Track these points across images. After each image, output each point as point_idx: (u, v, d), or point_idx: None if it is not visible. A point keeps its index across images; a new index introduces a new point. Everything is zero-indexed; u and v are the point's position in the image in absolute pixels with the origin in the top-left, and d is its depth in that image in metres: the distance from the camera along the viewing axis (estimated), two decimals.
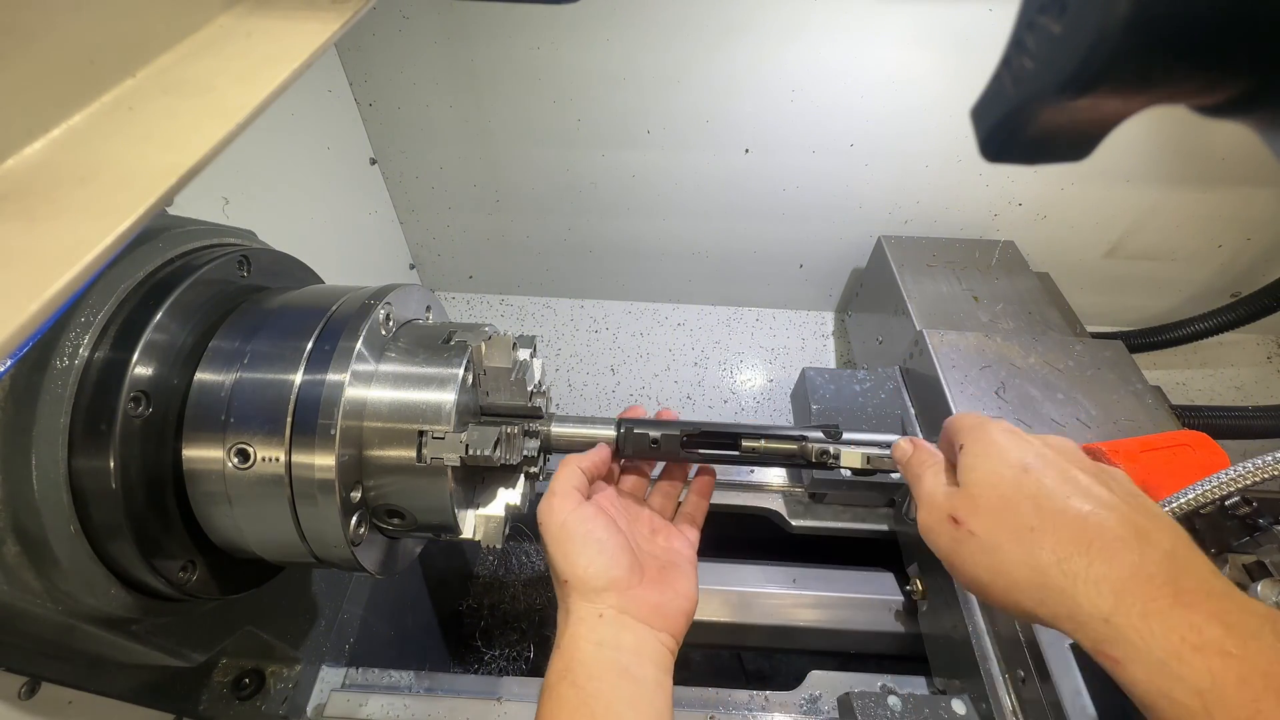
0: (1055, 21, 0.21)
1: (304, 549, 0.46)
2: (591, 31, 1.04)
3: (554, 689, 0.40)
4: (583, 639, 0.42)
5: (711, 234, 1.35)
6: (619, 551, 0.45)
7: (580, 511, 0.45)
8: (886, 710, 0.71)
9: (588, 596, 0.43)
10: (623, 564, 0.44)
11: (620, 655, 0.41)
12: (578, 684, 0.40)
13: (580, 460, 0.49)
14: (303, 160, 1.02)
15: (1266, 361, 1.42)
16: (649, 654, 0.42)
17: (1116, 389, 0.91)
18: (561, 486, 0.47)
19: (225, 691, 0.70)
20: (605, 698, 0.39)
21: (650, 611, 0.44)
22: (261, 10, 0.47)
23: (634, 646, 0.42)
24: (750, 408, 1.35)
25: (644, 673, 0.41)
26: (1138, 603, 0.28)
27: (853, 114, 1.11)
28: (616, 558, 0.44)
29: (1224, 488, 0.57)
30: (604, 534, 0.45)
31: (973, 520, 0.36)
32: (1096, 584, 0.30)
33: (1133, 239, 1.29)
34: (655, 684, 0.41)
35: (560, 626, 0.44)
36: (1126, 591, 0.29)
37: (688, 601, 0.47)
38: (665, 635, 0.44)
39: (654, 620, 0.44)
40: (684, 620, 0.46)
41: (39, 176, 0.34)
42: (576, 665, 0.41)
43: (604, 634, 0.42)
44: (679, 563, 0.50)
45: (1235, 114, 0.22)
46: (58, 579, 0.39)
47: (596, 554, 0.44)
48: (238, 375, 0.45)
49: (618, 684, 0.40)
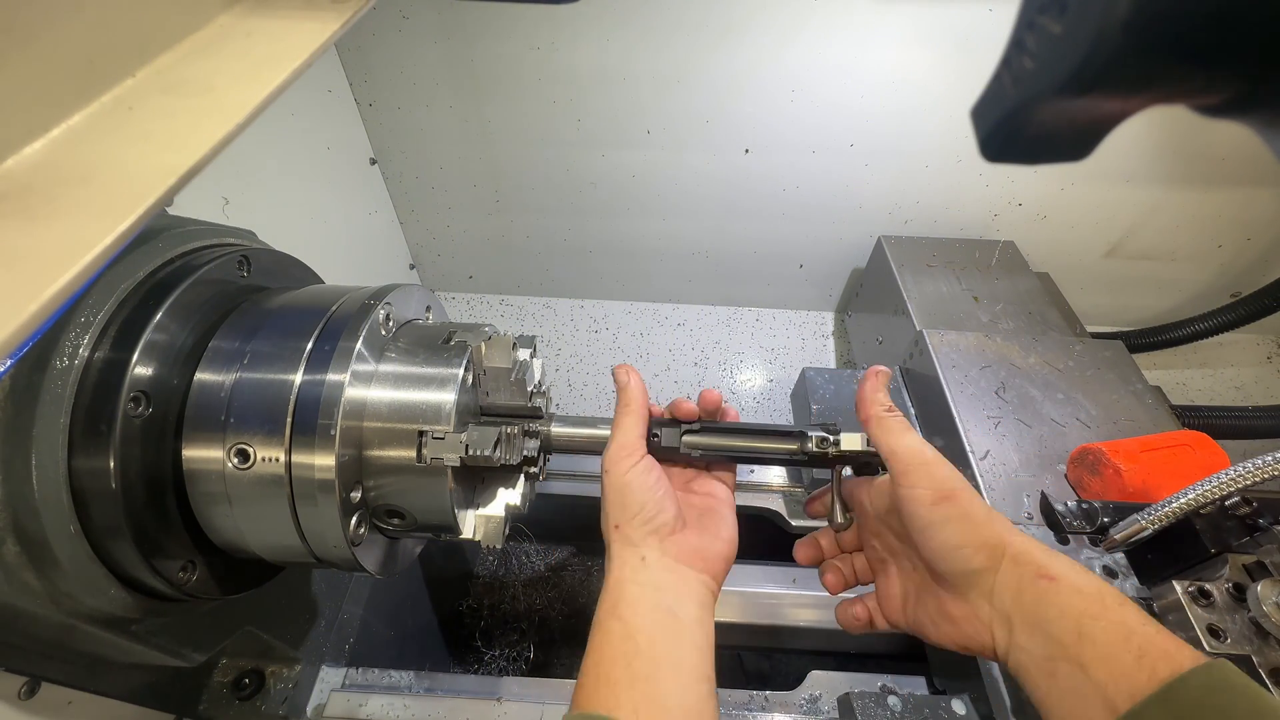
0: (1055, 21, 0.21)
1: (304, 549, 0.46)
2: (591, 31, 1.04)
3: (603, 624, 0.44)
4: (628, 581, 0.45)
5: (711, 234, 1.35)
6: (667, 501, 0.48)
7: (644, 463, 0.49)
8: (886, 710, 0.71)
9: (634, 542, 0.47)
10: (669, 513, 0.48)
11: (663, 595, 0.45)
12: (624, 619, 0.43)
13: (640, 409, 0.51)
14: (303, 160, 1.02)
15: (1266, 361, 1.42)
16: (690, 593, 0.46)
17: (1116, 389, 0.91)
18: (631, 438, 0.49)
19: (225, 691, 0.70)
20: (648, 632, 0.43)
21: (691, 555, 0.48)
22: (261, 10, 0.47)
23: (675, 586, 0.46)
24: (750, 408, 1.35)
25: (686, 611, 0.45)
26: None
27: (853, 114, 1.11)
28: (664, 507, 0.48)
29: (1224, 488, 0.57)
30: (657, 485, 0.48)
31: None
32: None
33: (1133, 239, 1.29)
34: (696, 621, 0.45)
35: (607, 567, 0.47)
36: None
37: (727, 545, 0.50)
38: (706, 577, 0.47)
39: (695, 563, 0.47)
40: (724, 564, 0.49)
41: (39, 176, 0.34)
42: (623, 604, 0.44)
43: (647, 576, 0.45)
44: (717, 508, 0.52)
45: (1235, 114, 0.22)
46: (58, 579, 0.39)
47: (648, 503, 0.47)
48: (238, 375, 0.45)
49: (661, 620, 0.43)
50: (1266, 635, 0.54)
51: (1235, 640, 0.54)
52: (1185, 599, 0.57)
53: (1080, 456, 0.79)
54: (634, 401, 0.51)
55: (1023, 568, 0.41)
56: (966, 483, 0.44)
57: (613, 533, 0.48)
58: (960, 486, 0.43)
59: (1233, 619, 0.55)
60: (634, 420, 0.50)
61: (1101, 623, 0.38)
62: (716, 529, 0.50)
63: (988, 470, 0.80)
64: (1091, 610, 0.38)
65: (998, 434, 0.84)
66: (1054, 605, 0.39)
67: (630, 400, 0.51)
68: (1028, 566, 0.41)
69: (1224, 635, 0.54)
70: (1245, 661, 0.52)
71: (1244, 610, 0.55)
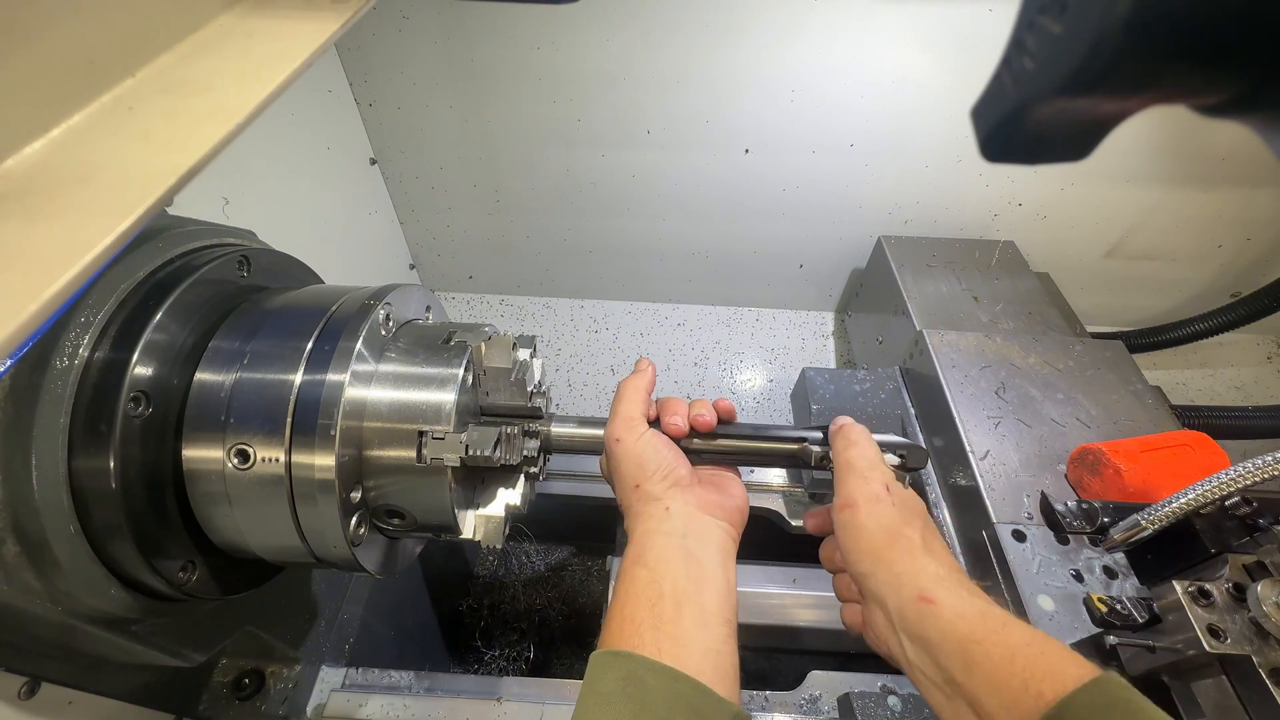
0: (1055, 21, 0.21)
1: (304, 549, 0.46)
2: (591, 31, 1.04)
3: (628, 571, 0.46)
4: (652, 532, 0.47)
5: (711, 234, 1.35)
6: (679, 459, 0.51)
7: (651, 431, 0.52)
8: (886, 710, 0.71)
9: (656, 496, 0.49)
10: (685, 467, 0.51)
11: (686, 541, 0.47)
12: (648, 565, 0.45)
13: (640, 382, 0.54)
14: (303, 160, 1.02)
15: (1266, 361, 1.42)
16: (711, 538, 0.48)
17: (1116, 389, 0.91)
18: (634, 410, 0.52)
19: (225, 691, 0.69)
20: (672, 575, 0.45)
21: (710, 505, 0.50)
22: (261, 10, 0.47)
23: (697, 533, 0.48)
24: (750, 408, 1.35)
25: (707, 555, 0.47)
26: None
27: (853, 114, 1.11)
28: (679, 463, 0.51)
29: (1224, 488, 0.57)
30: (668, 448, 0.51)
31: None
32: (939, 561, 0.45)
33: (1133, 239, 1.29)
34: (719, 565, 0.47)
35: (630, 526, 0.50)
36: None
37: (741, 501, 0.53)
38: (726, 524, 0.50)
39: (714, 511, 0.50)
40: (740, 515, 0.52)
41: (39, 176, 0.34)
42: (647, 551, 0.46)
43: (670, 525, 0.47)
44: (727, 473, 0.55)
45: (1235, 114, 0.22)
46: (58, 579, 0.39)
47: (664, 460, 0.50)
48: (238, 375, 0.45)
49: (684, 564, 0.45)
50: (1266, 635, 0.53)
51: (1235, 640, 0.53)
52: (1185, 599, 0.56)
53: (1080, 456, 0.79)
54: (643, 376, 0.54)
55: (904, 589, 0.43)
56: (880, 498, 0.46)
57: (633, 493, 0.50)
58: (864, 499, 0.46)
59: (1233, 619, 0.55)
60: (640, 395, 0.53)
61: (984, 647, 0.39)
62: (729, 488, 0.53)
63: (988, 470, 0.80)
64: (975, 635, 0.39)
65: (998, 434, 0.84)
66: (935, 629, 0.41)
67: (639, 375, 0.54)
68: (908, 588, 0.43)
69: (1224, 635, 0.54)
70: (1245, 661, 0.52)
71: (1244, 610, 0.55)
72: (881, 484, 0.47)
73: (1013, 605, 0.68)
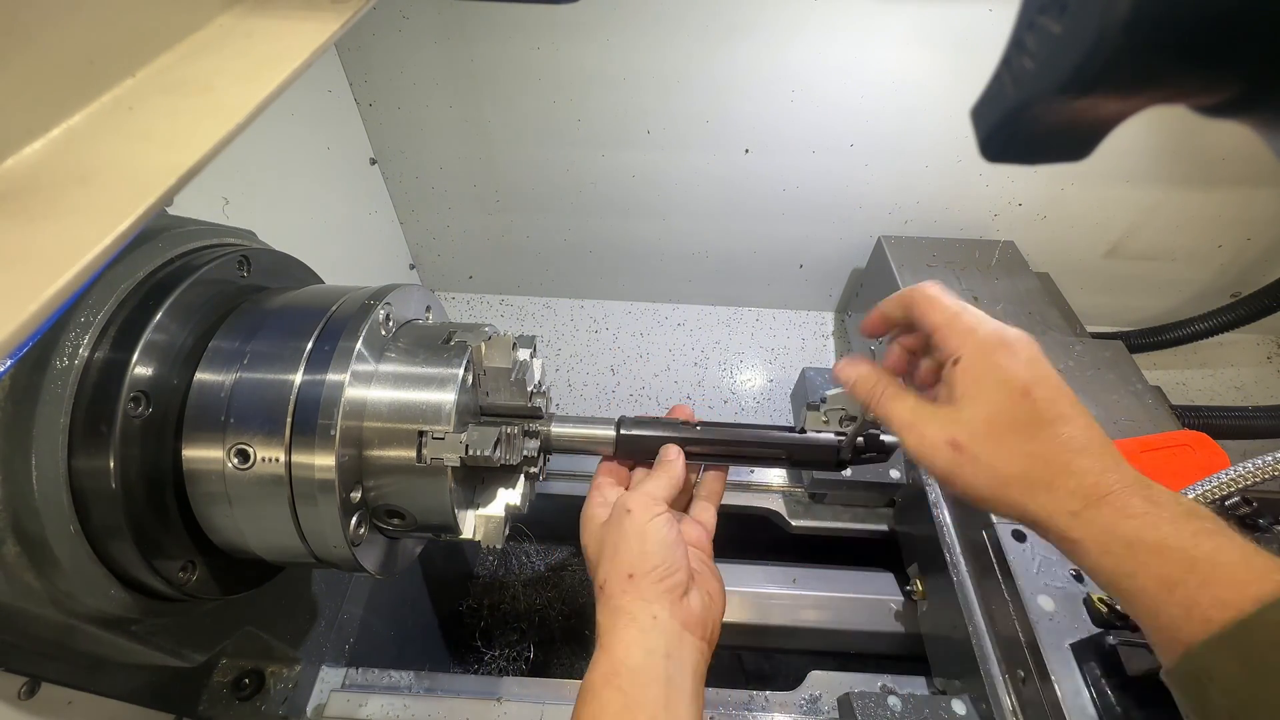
0: (1055, 21, 0.21)
1: (304, 549, 0.46)
2: (591, 31, 1.04)
3: (598, 692, 0.41)
4: (635, 644, 0.42)
5: (711, 234, 1.35)
6: (683, 561, 0.47)
7: (668, 516, 0.48)
8: (886, 710, 0.71)
9: (646, 597, 0.44)
10: (683, 574, 0.46)
11: (668, 664, 0.42)
12: (623, 689, 0.41)
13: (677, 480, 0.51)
14: (303, 160, 1.02)
15: (1266, 361, 1.42)
16: (690, 663, 0.44)
17: (1116, 389, 0.91)
18: (661, 492, 0.49)
19: (225, 692, 0.70)
20: (649, 708, 0.40)
21: (696, 622, 0.46)
22: (261, 10, 0.47)
23: (680, 656, 0.43)
24: (750, 408, 1.35)
25: (684, 682, 0.43)
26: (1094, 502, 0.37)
27: (853, 114, 1.11)
28: (681, 566, 0.46)
29: (1224, 488, 0.57)
30: (678, 543, 0.47)
31: (976, 445, 0.39)
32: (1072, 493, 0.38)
33: (1133, 239, 1.29)
34: (692, 694, 0.43)
35: (607, 626, 0.44)
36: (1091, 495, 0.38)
37: (721, 609, 0.49)
38: (704, 645, 0.46)
39: (697, 629, 0.45)
40: (716, 630, 0.48)
41: (39, 176, 0.34)
42: (624, 671, 0.41)
43: (655, 641, 0.43)
44: (705, 560, 0.51)
45: (1235, 114, 0.22)
46: (58, 579, 0.39)
47: (672, 556, 0.46)
48: (238, 375, 0.45)
49: (662, 693, 0.41)
50: None
51: None
52: None
53: None
54: (673, 471, 0.51)
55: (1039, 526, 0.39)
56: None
57: (623, 583, 0.44)
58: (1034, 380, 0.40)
59: None
60: (668, 482, 0.50)
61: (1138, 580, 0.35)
62: (710, 587, 0.49)
63: None
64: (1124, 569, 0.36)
65: None
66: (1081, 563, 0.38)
67: (670, 468, 0.51)
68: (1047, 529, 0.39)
69: None
70: None
71: None
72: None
73: (1012, 605, 0.68)
